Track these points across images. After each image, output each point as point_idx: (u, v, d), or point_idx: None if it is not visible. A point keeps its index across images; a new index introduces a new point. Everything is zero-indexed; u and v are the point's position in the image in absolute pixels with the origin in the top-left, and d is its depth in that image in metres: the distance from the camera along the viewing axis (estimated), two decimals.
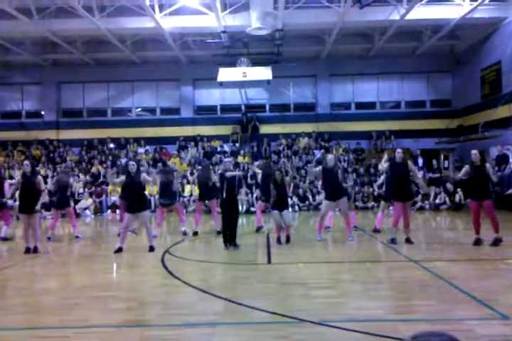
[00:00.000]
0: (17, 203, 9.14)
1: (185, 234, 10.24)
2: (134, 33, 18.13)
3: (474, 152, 8.19)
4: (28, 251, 8.26)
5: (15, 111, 22.41)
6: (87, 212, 16.19)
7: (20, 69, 21.43)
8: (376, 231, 10.02)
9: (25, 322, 4.41)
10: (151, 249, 8.25)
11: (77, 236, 10.13)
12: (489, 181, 8.18)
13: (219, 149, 20.37)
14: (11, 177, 18.22)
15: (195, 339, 3.95)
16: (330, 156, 9.20)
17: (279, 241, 8.69)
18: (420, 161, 18.51)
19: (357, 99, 21.72)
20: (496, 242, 8.02)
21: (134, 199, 8.25)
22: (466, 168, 8.33)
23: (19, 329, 4.20)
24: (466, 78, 19.90)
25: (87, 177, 18.06)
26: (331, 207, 9.32)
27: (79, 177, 18.00)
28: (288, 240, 8.72)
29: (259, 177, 10.61)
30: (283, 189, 8.94)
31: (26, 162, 8.54)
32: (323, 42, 19.23)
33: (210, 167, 12.28)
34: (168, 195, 10.26)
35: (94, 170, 18.73)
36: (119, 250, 8.16)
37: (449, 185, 15.83)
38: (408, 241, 8.47)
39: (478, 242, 8.12)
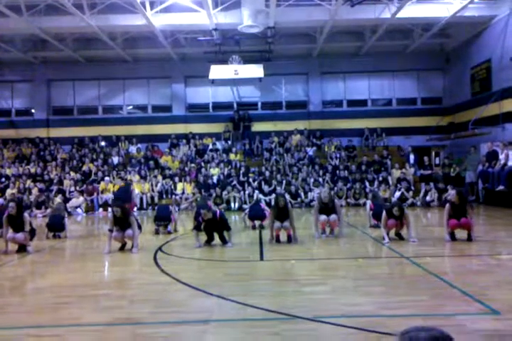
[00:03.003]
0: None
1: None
2: (125, 30, 18.05)
3: (452, 192, 8.44)
4: (19, 250, 8.20)
5: (5, 109, 22.23)
6: (79, 210, 16.10)
7: (10, 66, 21.28)
8: (373, 227, 10.08)
9: (18, 321, 4.38)
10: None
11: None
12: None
13: (211, 147, 20.34)
14: (1, 176, 18.11)
15: (187, 337, 3.94)
16: (324, 191, 9.33)
17: (278, 239, 8.68)
18: (412, 158, 18.64)
19: (349, 97, 21.79)
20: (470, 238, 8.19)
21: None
22: (447, 206, 8.32)
23: (12, 328, 4.17)
24: (456, 76, 20.05)
25: (78, 175, 17.95)
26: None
27: (70, 175, 17.90)
28: (289, 240, 8.67)
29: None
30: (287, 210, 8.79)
31: (11, 204, 8.17)
32: (314, 40, 19.26)
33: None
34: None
35: (85, 168, 18.63)
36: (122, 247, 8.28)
37: (440, 183, 15.93)
38: (399, 236, 8.55)
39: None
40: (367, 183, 17.06)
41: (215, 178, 17.81)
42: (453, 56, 20.36)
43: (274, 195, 14.16)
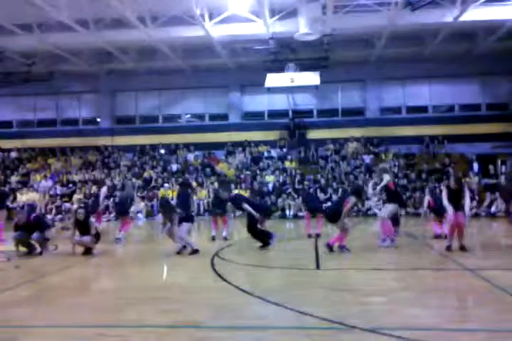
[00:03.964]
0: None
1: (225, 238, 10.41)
2: (184, 41, 18.60)
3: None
4: (86, 252, 8.63)
5: (73, 118, 23.52)
6: (140, 215, 16.69)
7: (77, 78, 22.48)
8: (437, 237, 9.74)
9: (85, 320, 4.60)
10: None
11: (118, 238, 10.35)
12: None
13: (266, 154, 20.47)
14: (68, 182, 19.14)
15: None
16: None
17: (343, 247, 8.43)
18: (476, 166, 17.87)
19: (408, 103, 21.25)
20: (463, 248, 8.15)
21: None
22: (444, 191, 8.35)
23: (79, 326, 4.39)
24: None
25: (140, 181, 18.63)
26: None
27: (132, 181, 18.61)
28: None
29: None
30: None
31: (81, 211, 8.70)
32: (372, 45, 18.99)
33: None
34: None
35: (146, 175, 19.30)
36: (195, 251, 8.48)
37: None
38: (462, 248, 8.21)
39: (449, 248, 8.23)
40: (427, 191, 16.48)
41: (270, 186, 17.90)
42: None
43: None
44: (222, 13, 16.11)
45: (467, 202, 8.29)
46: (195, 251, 8.43)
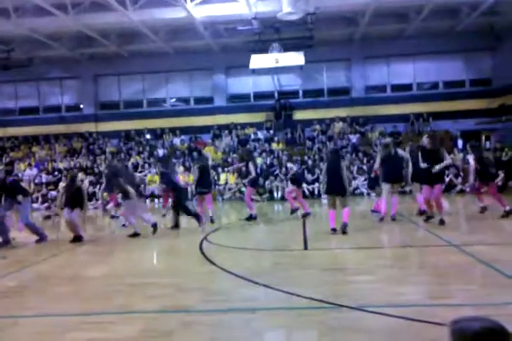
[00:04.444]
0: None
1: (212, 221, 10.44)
2: (166, 23, 18.23)
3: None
4: (75, 240, 8.61)
5: (55, 105, 23.13)
6: None
7: (58, 64, 22.01)
8: (422, 213, 9.84)
9: (73, 308, 4.60)
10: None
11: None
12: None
13: (253, 137, 20.40)
14: (53, 170, 18.94)
15: (234, 325, 4.02)
16: (388, 140, 9.95)
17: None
18: (460, 143, 18.02)
19: (393, 81, 21.22)
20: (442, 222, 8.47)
21: None
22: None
23: (67, 315, 4.39)
24: (507, 55, 19.07)
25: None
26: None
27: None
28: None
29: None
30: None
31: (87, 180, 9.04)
32: (356, 23, 18.80)
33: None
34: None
35: (132, 160, 19.15)
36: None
37: (490, 168, 15.28)
38: (441, 222, 8.48)
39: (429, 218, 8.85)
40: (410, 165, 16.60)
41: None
42: (504, 35, 19.36)
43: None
44: None
45: (445, 162, 8.57)
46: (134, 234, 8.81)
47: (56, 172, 18.90)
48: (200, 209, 10.54)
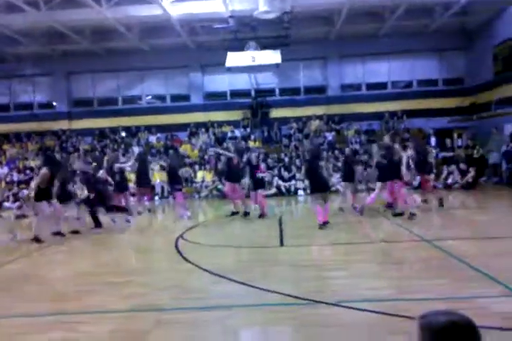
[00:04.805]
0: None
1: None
2: (142, 20, 17.99)
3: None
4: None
5: (27, 102, 22.59)
6: None
7: (30, 61, 21.47)
8: (389, 206, 10.24)
9: (45, 308, 4.53)
10: None
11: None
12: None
13: (230, 134, 20.36)
14: (25, 168, 18.56)
15: (210, 322, 4.02)
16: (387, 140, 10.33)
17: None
18: (433, 140, 18.34)
19: (368, 80, 21.44)
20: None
21: None
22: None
23: (40, 315, 4.31)
24: (478, 55, 19.49)
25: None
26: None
27: (91, 164, 18.17)
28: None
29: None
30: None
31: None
32: (332, 23, 18.92)
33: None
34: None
35: (107, 158, 18.85)
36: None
37: (462, 164, 15.66)
38: (409, 217, 8.93)
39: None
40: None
41: None
42: (475, 35, 19.80)
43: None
44: None
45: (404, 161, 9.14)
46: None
47: (28, 171, 18.49)
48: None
